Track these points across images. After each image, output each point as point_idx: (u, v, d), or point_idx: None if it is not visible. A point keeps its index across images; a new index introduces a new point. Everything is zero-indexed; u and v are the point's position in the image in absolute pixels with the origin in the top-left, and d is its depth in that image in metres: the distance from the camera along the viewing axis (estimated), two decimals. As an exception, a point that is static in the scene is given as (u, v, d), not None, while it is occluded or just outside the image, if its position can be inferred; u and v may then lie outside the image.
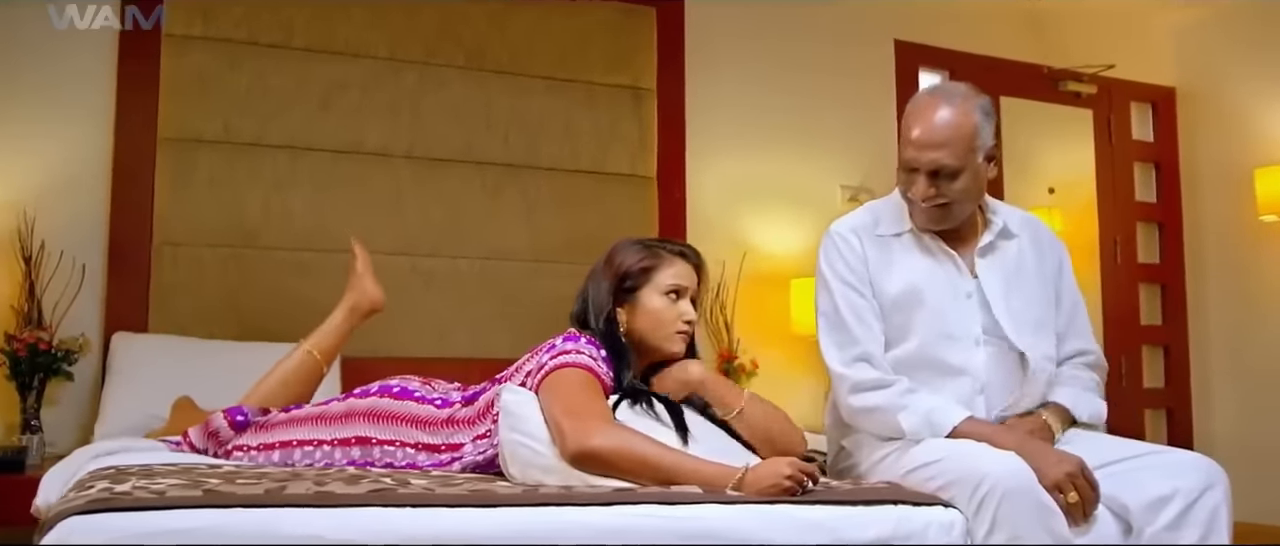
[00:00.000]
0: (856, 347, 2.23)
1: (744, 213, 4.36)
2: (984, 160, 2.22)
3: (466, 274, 3.89)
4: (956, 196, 2.20)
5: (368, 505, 1.65)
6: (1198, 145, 5.19)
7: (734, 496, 1.84)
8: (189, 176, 3.58)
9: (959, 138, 2.16)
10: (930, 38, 4.82)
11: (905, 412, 2.14)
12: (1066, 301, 2.37)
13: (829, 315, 2.30)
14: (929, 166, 2.17)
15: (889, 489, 1.99)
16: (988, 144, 2.21)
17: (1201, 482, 2.00)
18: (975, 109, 2.20)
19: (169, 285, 3.53)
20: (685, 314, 2.26)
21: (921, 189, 2.19)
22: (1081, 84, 5.10)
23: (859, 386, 2.21)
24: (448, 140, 3.92)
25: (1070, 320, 2.36)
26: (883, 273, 2.28)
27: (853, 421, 2.28)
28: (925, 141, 2.16)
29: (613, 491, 1.81)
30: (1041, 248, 2.36)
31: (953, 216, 2.25)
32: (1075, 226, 5.30)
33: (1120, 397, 5.06)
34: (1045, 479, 1.96)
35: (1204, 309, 5.17)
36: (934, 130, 2.16)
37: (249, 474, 1.92)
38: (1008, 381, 2.24)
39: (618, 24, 4.21)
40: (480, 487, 1.82)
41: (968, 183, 2.19)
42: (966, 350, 2.23)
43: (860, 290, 2.27)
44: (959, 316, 2.24)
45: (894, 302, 2.26)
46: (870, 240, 2.31)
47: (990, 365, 2.22)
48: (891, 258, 2.29)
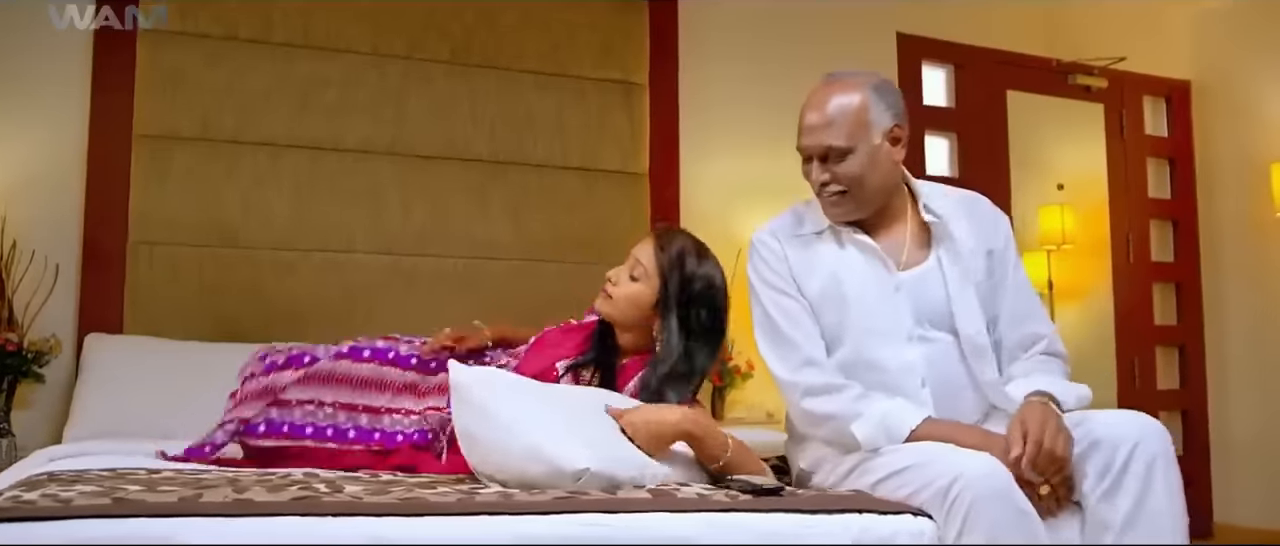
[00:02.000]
0: (797, 352, 2.14)
1: (739, 210, 4.24)
2: (885, 140, 2.13)
3: (451, 274, 3.80)
4: (851, 181, 2.11)
5: (287, 514, 1.55)
6: (1214, 139, 5.05)
7: (686, 503, 1.74)
8: (165, 174, 3.50)
9: (845, 116, 2.10)
10: (934, 30, 4.69)
11: (859, 421, 2.03)
12: (1012, 280, 2.23)
13: (763, 324, 2.21)
14: (818, 150, 2.12)
15: (854, 497, 1.88)
16: (885, 123, 2.13)
17: (1132, 439, 1.87)
18: (866, 87, 2.13)
19: (144, 285, 3.46)
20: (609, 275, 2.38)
21: (815, 174, 2.14)
22: (1092, 77, 4.96)
23: (810, 391, 2.11)
24: (432, 136, 3.83)
25: (1018, 300, 2.22)
26: (805, 273, 2.19)
27: (806, 429, 2.18)
28: (812, 124, 2.12)
29: (553, 499, 1.71)
30: (981, 225, 2.23)
31: (858, 204, 2.15)
32: (1086, 224, 5.18)
33: (1133, 399, 4.93)
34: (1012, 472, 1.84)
35: (1221, 308, 5.02)
36: (821, 112, 2.12)
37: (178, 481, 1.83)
38: (949, 374, 2.12)
39: (608, 17, 4.11)
40: (413, 495, 1.73)
41: (863, 165, 2.11)
42: (899, 346, 2.11)
43: (788, 293, 2.18)
44: (887, 312, 2.13)
45: (818, 303, 2.16)
46: (791, 241, 2.23)
47: (930, 361, 2.11)
48: (812, 257, 2.20)
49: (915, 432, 1.99)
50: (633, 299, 2.33)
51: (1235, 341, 4.96)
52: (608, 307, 2.37)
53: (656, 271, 2.32)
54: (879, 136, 2.12)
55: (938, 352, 2.12)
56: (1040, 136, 5.02)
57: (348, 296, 3.68)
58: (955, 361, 2.13)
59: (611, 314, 2.38)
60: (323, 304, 3.64)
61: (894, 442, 1.99)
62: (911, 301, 2.13)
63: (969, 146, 4.75)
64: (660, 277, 2.31)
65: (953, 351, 2.13)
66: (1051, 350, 2.21)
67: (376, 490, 1.78)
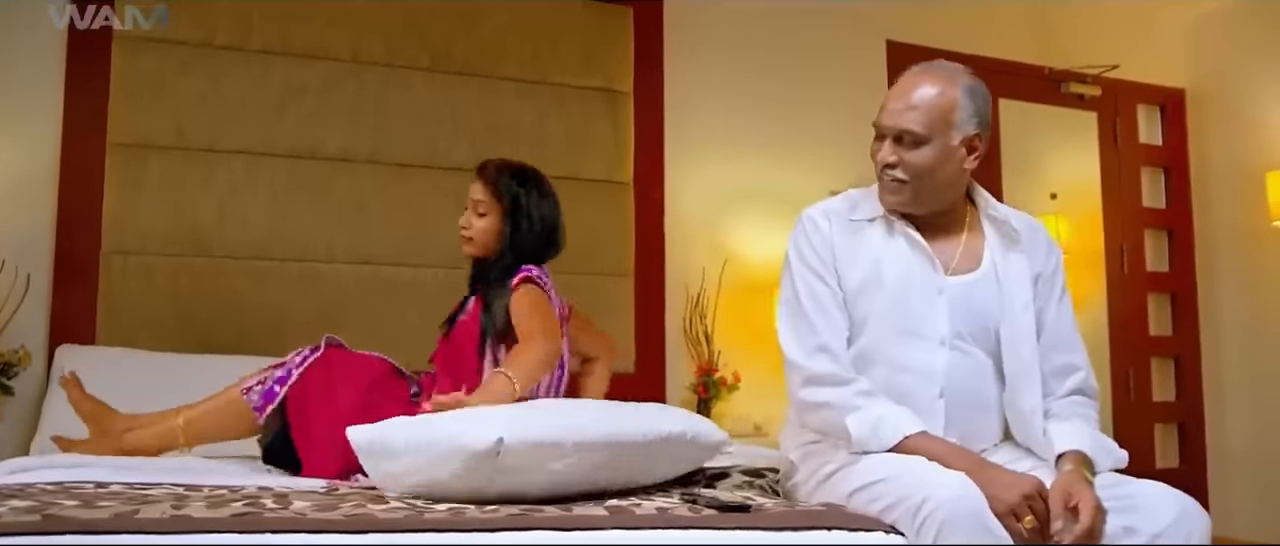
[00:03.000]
0: (815, 338, 2.06)
1: (726, 219, 4.18)
2: (961, 145, 2.05)
3: (431, 284, 3.73)
4: (916, 172, 2.04)
5: (225, 531, 1.49)
6: (1209, 148, 4.99)
7: (645, 519, 1.68)
8: (140, 182, 3.45)
9: (931, 107, 2.03)
10: (924, 38, 4.61)
11: (855, 415, 1.96)
12: (1055, 309, 2.15)
13: (789, 303, 2.14)
14: (893, 130, 2.05)
15: (823, 513, 1.81)
16: (968, 129, 2.05)
17: (1167, 518, 1.79)
18: (959, 86, 2.06)
19: (118, 295, 3.41)
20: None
21: (884, 152, 2.06)
22: (1085, 85, 4.91)
23: (813, 379, 2.04)
24: (412, 144, 3.78)
25: (1059, 329, 2.14)
26: (848, 259, 2.11)
27: (801, 418, 2.11)
28: (896, 105, 2.05)
29: (506, 516, 1.65)
30: (1036, 251, 2.16)
31: (916, 196, 2.07)
32: (1080, 233, 5.10)
33: (1128, 412, 4.87)
34: (998, 503, 1.77)
35: (1216, 318, 4.96)
36: (908, 95, 2.05)
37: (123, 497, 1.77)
38: (974, 391, 2.04)
39: (590, 24, 4.06)
40: (361, 511, 1.66)
41: (933, 159, 2.03)
42: (929, 350, 2.04)
43: (824, 277, 2.10)
44: (926, 313, 2.06)
45: (855, 290, 2.09)
46: (841, 225, 2.14)
47: (954, 370, 2.03)
48: (859, 242, 2.12)
49: (907, 443, 1.92)
50: (488, 230, 2.72)
51: (1232, 352, 4.89)
52: (472, 248, 2.76)
53: (494, 198, 2.71)
54: (958, 139, 2.05)
55: (968, 367, 2.05)
56: (1033, 145, 4.94)
57: (326, 307, 3.62)
58: (985, 379, 2.06)
59: (478, 252, 2.76)
60: (300, 315, 3.57)
61: (882, 447, 1.92)
62: (952, 308, 2.06)
63: (960, 155, 4.68)
64: (499, 201, 2.70)
65: (986, 369, 2.06)
66: (1085, 387, 2.12)
67: (326, 505, 1.72)
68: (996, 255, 2.12)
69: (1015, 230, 2.13)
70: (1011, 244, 2.13)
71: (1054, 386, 2.10)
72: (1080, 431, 1.98)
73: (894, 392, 2.01)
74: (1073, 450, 1.92)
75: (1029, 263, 2.13)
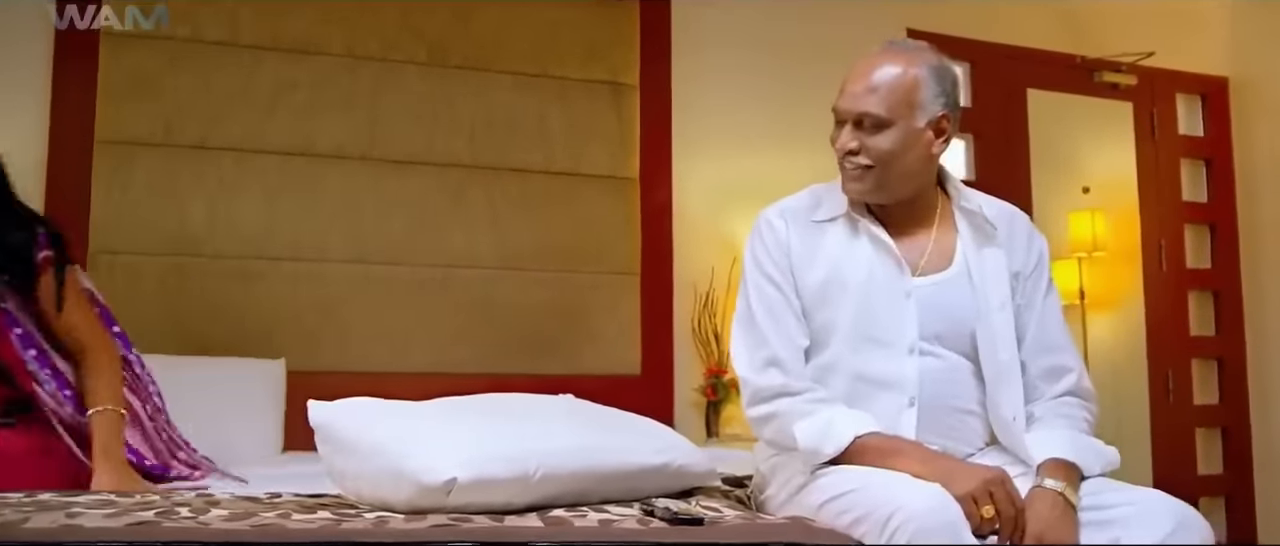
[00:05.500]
0: (765, 350, 1.91)
1: (736, 215, 4.02)
2: (927, 128, 1.89)
3: (427, 283, 3.64)
4: (879, 157, 1.88)
5: (116, 541, 1.38)
6: (1254, 139, 4.75)
7: (584, 531, 1.54)
8: (127, 181, 3.38)
9: (894, 88, 1.87)
10: (948, 27, 4.42)
11: (803, 422, 1.81)
12: (1041, 306, 1.98)
13: (742, 311, 1.99)
14: (853, 115, 1.90)
15: (784, 526, 1.66)
16: (934, 110, 1.89)
17: (1164, 531, 1.62)
18: (923, 65, 1.90)
19: (105, 295, 3.32)
20: None
21: (844, 138, 1.91)
22: (1119, 74, 4.69)
23: (759, 394, 1.90)
24: (407, 140, 3.67)
25: (1046, 328, 1.97)
26: (806, 262, 1.95)
27: (757, 433, 1.97)
28: (856, 87, 1.90)
29: (430, 528, 1.51)
30: (1015, 245, 2.00)
31: (879, 184, 1.91)
32: (1115, 229, 4.89)
33: (1167, 415, 4.64)
34: (958, 488, 1.62)
35: (1263, 317, 4.71)
36: (868, 77, 1.89)
37: (25, 504, 1.67)
38: (950, 396, 1.88)
39: (593, 16, 3.93)
40: (271, 522, 1.54)
41: (897, 143, 1.87)
42: (897, 358, 1.88)
43: (778, 284, 1.95)
44: (891, 319, 1.90)
45: (815, 296, 1.93)
46: (800, 226, 1.98)
47: (926, 377, 1.87)
48: (819, 244, 1.96)
49: (857, 445, 1.77)
50: None
51: (1279, 353, 4.64)
52: None
53: None
54: (923, 121, 1.89)
55: (942, 372, 1.89)
56: (1064, 137, 4.74)
57: (320, 307, 3.54)
58: (962, 383, 1.90)
59: None
60: (294, 315, 3.50)
61: (833, 451, 1.77)
62: (921, 311, 1.90)
63: (987, 148, 4.49)
64: None
65: (962, 371, 1.90)
66: (1078, 389, 1.95)
67: (239, 514, 1.60)
68: (970, 251, 1.95)
69: (990, 224, 1.97)
70: (986, 239, 1.97)
71: (1044, 390, 1.94)
72: (1061, 437, 1.81)
73: (858, 404, 1.85)
74: (1052, 459, 1.75)
75: (1007, 258, 1.96)
